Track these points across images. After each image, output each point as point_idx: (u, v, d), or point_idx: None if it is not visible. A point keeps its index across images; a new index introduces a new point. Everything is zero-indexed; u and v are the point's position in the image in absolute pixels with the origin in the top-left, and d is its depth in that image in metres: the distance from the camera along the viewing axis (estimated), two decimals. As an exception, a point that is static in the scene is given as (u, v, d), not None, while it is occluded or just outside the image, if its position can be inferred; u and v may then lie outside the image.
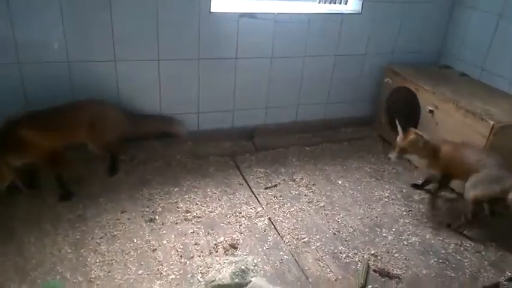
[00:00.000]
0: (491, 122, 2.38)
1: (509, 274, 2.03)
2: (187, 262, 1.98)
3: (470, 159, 2.26)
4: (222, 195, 2.47)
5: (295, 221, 2.32)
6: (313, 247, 2.14)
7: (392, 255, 2.11)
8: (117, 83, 2.63)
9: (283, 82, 3.05)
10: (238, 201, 2.43)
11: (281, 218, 2.33)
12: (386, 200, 2.55)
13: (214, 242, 2.11)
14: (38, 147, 2.15)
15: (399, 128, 2.43)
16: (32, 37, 2.35)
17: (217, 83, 2.88)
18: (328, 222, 2.33)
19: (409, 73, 3.03)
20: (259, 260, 2.01)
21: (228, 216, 2.30)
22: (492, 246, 2.22)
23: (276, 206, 2.42)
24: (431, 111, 2.75)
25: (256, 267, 1.95)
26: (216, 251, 2.06)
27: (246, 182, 2.61)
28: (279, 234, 2.20)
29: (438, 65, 3.32)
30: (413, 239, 2.23)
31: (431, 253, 2.15)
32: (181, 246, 2.07)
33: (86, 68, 2.52)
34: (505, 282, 1.99)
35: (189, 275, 1.90)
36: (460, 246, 2.21)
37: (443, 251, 2.16)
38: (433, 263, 2.08)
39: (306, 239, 2.19)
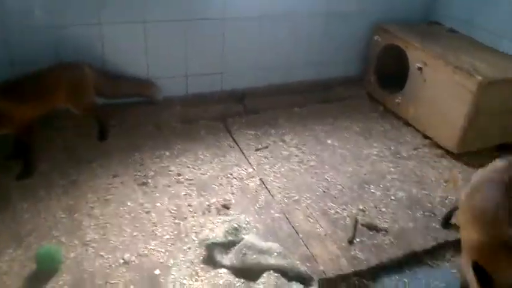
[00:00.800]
0: (479, 78, 2.39)
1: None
2: (181, 223, 2.03)
3: None
4: (213, 157, 2.49)
5: (285, 180, 2.36)
6: (304, 205, 2.20)
7: (380, 210, 2.18)
8: (102, 47, 2.58)
9: (273, 43, 3.01)
10: (230, 163, 2.46)
11: (272, 178, 2.37)
12: (375, 157, 2.60)
13: (206, 203, 2.15)
14: (16, 118, 2.12)
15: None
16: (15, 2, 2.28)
17: (205, 45, 2.83)
18: (318, 180, 2.38)
19: (398, 30, 3.00)
20: (251, 218, 2.07)
21: (220, 178, 2.33)
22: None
23: (267, 166, 2.46)
24: (420, 68, 2.75)
25: (248, 226, 2.01)
26: (209, 212, 2.10)
27: (236, 144, 2.63)
28: (270, 194, 2.25)
29: (427, 22, 3.29)
30: (400, 194, 2.30)
31: (417, 207, 2.22)
32: (175, 208, 2.11)
33: (70, 32, 2.46)
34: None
35: (183, 235, 1.96)
36: (446, 199, 2.28)
37: (429, 205, 2.23)
38: (419, 216, 2.15)
39: (297, 197, 2.24)
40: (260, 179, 2.35)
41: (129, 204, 2.12)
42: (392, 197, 2.28)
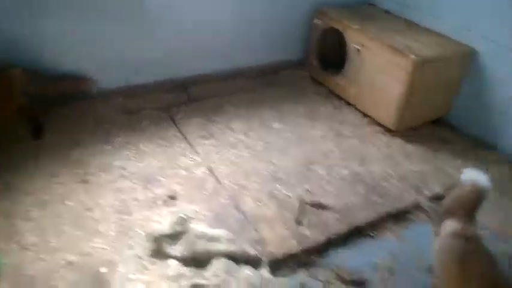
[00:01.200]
0: (413, 57, 2.50)
1: (429, 194, 2.24)
2: (126, 218, 1.97)
3: None
4: (157, 148, 2.44)
5: (233, 167, 2.36)
6: (252, 189, 2.21)
7: (325, 189, 2.24)
8: (33, 46, 2.43)
9: (215, 29, 2.97)
10: (175, 153, 2.42)
11: (219, 166, 2.36)
12: (319, 138, 2.66)
13: (152, 196, 2.10)
14: None
15: None
16: None
17: (145, 34, 2.74)
18: (265, 165, 2.40)
19: (336, 13, 3.06)
20: (199, 207, 2.05)
21: (165, 169, 2.29)
22: (414, 171, 2.41)
23: (214, 154, 2.44)
24: (357, 50, 2.83)
25: (196, 215, 1.99)
26: (155, 204, 2.06)
27: (181, 133, 2.59)
28: (218, 181, 2.24)
29: (364, 4, 3.38)
30: (344, 172, 2.37)
31: (359, 183, 2.30)
32: (119, 204, 2.05)
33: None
34: (425, 202, 2.20)
35: (129, 230, 1.91)
36: (386, 173, 2.38)
37: (369, 180, 2.32)
38: (361, 191, 2.24)
39: (245, 183, 2.25)
40: (207, 167, 2.33)
41: (69, 203, 2.03)
42: (336, 175, 2.34)
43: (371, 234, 2.02)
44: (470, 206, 1.63)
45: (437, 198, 2.22)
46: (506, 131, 2.58)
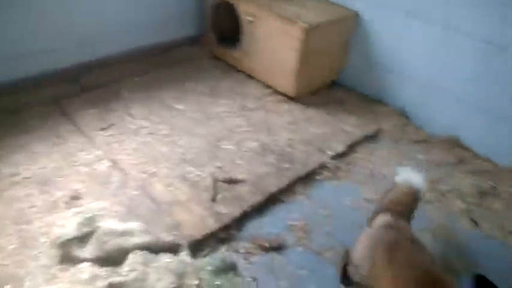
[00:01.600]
0: (303, 24, 2.57)
1: (331, 153, 2.38)
2: (26, 227, 1.80)
3: None
4: (51, 147, 2.24)
5: (139, 155, 2.26)
6: (162, 175, 2.15)
7: (236, 163, 2.26)
8: None
9: (99, 11, 2.76)
10: (72, 150, 2.24)
11: (124, 156, 2.24)
12: (224, 114, 2.66)
13: (52, 199, 1.94)
14: None
15: None
16: None
17: (23, 23, 2.46)
18: (172, 148, 2.34)
19: (225, -15, 3.02)
20: (107, 203, 1.95)
21: (63, 169, 2.12)
22: (316, 134, 2.54)
23: (116, 145, 2.31)
24: (251, 22, 2.84)
25: (105, 211, 1.89)
26: (57, 207, 1.91)
27: (77, 127, 2.40)
28: (124, 173, 2.14)
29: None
30: (252, 144, 2.41)
31: (268, 152, 2.36)
32: (15, 213, 1.86)
33: None
34: (329, 161, 2.34)
35: (31, 240, 1.75)
36: (291, 140, 2.47)
37: (277, 148, 2.40)
38: (270, 160, 2.30)
39: (154, 170, 2.18)
40: (110, 160, 2.21)
41: (-45, 222, 1.79)
42: (245, 149, 2.38)
43: (283, 199, 2.10)
44: (405, 207, 1.61)
45: (339, 156, 2.38)
46: (392, 87, 2.82)
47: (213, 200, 2.03)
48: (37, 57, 2.62)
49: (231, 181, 2.14)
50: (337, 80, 3.10)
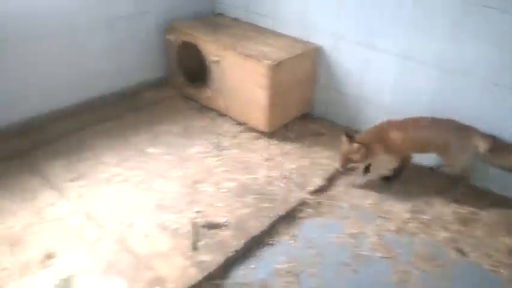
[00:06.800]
0: (267, 61, 2.61)
1: (311, 189, 2.38)
2: (-4, 295, 1.67)
3: (430, 136, 2.32)
4: (20, 204, 2.13)
5: (113, 205, 2.18)
6: (139, 225, 2.07)
7: (215, 206, 2.21)
8: None
9: (60, 62, 2.73)
10: (43, 204, 2.14)
11: (98, 208, 2.15)
12: (200, 155, 2.62)
13: (24, 260, 1.82)
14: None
15: (345, 139, 2.34)
16: None
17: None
18: (148, 195, 2.27)
19: (187, 27, 3.06)
20: (83, 260, 1.84)
21: (34, 225, 2.00)
22: (294, 169, 2.54)
23: (89, 196, 2.22)
24: (216, 61, 2.85)
25: (81, 270, 1.79)
26: (30, 269, 1.79)
27: (46, 180, 2.30)
28: (100, 226, 2.05)
29: (213, 14, 3.43)
30: (230, 185, 2.38)
31: (247, 192, 2.33)
32: (-17, 281, 1.73)
33: None
34: (310, 197, 2.33)
35: (2, 309, 1.62)
36: (269, 177, 2.45)
37: (256, 187, 2.37)
38: (250, 200, 2.26)
39: (130, 220, 2.09)
40: (84, 213, 2.11)
41: None
42: (224, 190, 2.33)
43: (267, 241, 2.05)
44: None
45: (319, 191, 2.38)
46: (363, 115, 2.88)
47: (194, 248, 1.96)
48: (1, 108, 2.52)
49: (212, 226, 2.09)
50: (310, 111, 3.14)
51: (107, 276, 1.76)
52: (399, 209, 2.30)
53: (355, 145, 2.29)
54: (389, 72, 2.65)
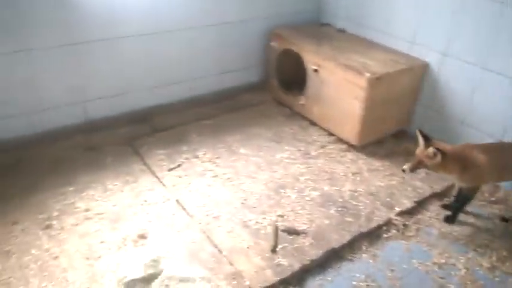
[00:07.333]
0: (367, 75, 2.57)
1: (398, 209, 2.28)
2: (95, 263, 1.89)
3: None
4: (123, 185, 2.37)
5: (203, 198, 2.32)
6: (224, 220, 2.17)
7: (297, 213, 2.24)
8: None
9: (172, 58, 2.95)
10: (143, 189, 2.35)
11: (189, 198, 2.31)
12: (287, 160, 2.67)
13: (121, 237, 2.03)
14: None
15: (420, 139, 2.07)
16: None
17: (101, 67, 2.69)
18: (235, 192, 2.37)
19: (291, 35, 3.12)
20: (171, 245, 2.00)
21: (133, 207, 2.22)
22: (382, 187, 2.46)
23: (182, 186, 2.40)
24: (315, 70, 2.88)
25: (168, 253, 1.93)
26: (125, 245, 1.99)
27: (147, 167, 2.53)
28: (189, 215, 2.20)
29: (319, 23, 3.47)
30: (314, 194, 2.38)
31: (330, 203, 2.31)
32: (86, 248, 1.96)
33: None
34: (396, 218, 2.23)
35: (99, 276, 1.82)
36: (355, 192, 2.41)
37: (340, 199, 2.34)
38: (333, 212, 2.25)
39: (216, 214, 2.21)
40: (176, 201, 2.28)
41: (33, 252, 1.93)
42: (307, 198, 2.35)
43: (348, 256, 2.02)
44: None
45: (407, 213, 2.27)
46: (466, 138, 2.68)
47: (273, 250, 2.00)
48: (111, 99, 2.82)
49: (292, 231, 2.11)
50: (406, 129, 3.01)
51: (191, 263, 1.88)
52: (498, 245, 2.11)
53: (431, 150, 1.98)
54: (503, 98, 2.43)
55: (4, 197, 2.21)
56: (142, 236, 2.04)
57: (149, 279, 1.74)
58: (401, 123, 3.00)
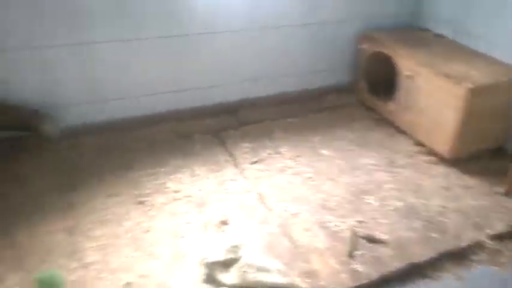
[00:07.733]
0: (468, 85, 2.41)
1: (491, 232, 2.12)
2: (180, 242, 2.02)
3: None
4: (209, 173, 2.49)
5: (282, 193, 2.36)
6: (302, 218, 2.19)
7: (378, 221, 2.18)
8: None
9: (261, 55, 3.03)
10: (226, 178, 2.45)
11: (269, 192, 2.36)
12: (371, 167, 2.60)
13: (205, 220, 2.14)
14: None
15: None
16: None
17: (195, 60, 2.86)
18: (314, 192, 2.37)
19: (384, 38, 3.03)
20: (249, 234, 2.06)
21: (217, 194, 2.32)
22: (473, 206, 2.30)
23: (263, 180, 2.46)
24: (409, 76, 2.77)
25: (247, 242, 2.00)
26: (208, 229, 2.10)
27: (232, 158, 2.63)
28: (268, 208, 2.25)
29: (414, 28, 3.32)
30: (398, 204, 2.30)
31: (415, 216, 2.22)
32: (173, 227, 2.10)
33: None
34: (488, 241, 2.08)
35: (183, 254, 1.95)
36: (443, 207, 2.28)
37: (426, 213, 2.24)
38: (417, 226, 2.15)
39: (294, 211, 2.24)
40: (257, 193, 2.35)
41: (126, 224, 2.11)
42: (390, 207, 2.28)
43: (431, 274, 1.92)
44: None
45: (500, 237, 2.11)
46: None
47: (351, 255, 1.98)
48: (201, 91, 2.98)
49: (371, 239, 2.07)
50: (504, 146, 2.78)
51: (268, 255, 1.93)
52: None
53: None
54: None
55: (102, 172, 2.44)
56: (224, 222, 2.13)
57: (229, 263, 1.82)
58: (500, 139, 2.77)
